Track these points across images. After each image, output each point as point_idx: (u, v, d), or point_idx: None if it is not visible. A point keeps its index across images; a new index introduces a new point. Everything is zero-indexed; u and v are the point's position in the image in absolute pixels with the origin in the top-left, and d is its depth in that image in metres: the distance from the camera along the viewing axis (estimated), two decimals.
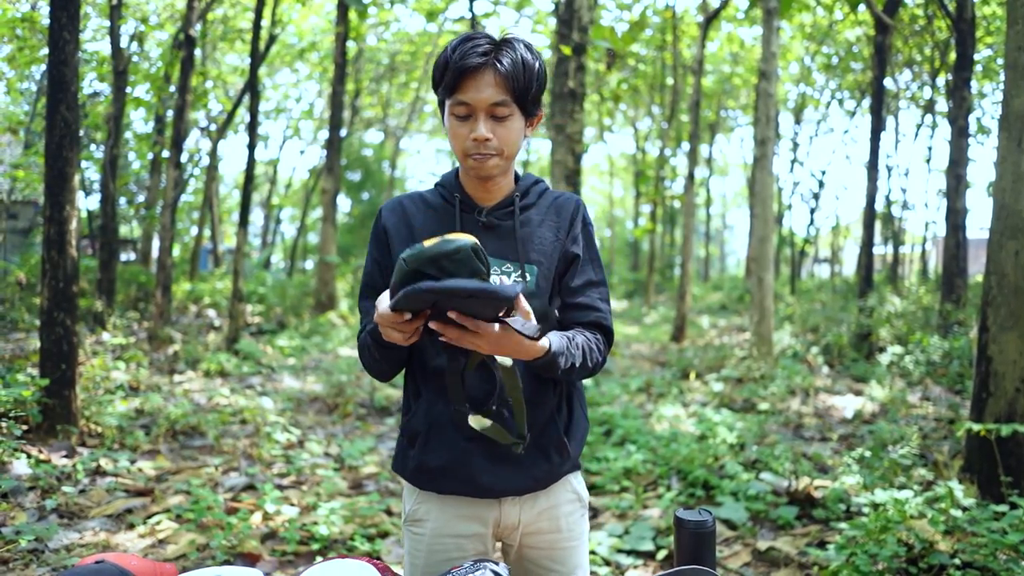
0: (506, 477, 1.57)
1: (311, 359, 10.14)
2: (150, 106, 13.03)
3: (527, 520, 1.64)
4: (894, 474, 3.95)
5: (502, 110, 1.49)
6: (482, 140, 1.50)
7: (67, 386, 5.00)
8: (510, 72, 1.47)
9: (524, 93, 1.50)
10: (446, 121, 1.55)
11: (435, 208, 1.65)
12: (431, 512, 1.64)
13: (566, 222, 1.67)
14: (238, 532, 3.59)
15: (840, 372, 8.67)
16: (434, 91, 1.56)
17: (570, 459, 1.66)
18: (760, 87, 7.84)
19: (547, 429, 1.61)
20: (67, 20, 5.01)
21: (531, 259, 1.61)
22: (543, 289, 1.62)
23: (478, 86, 1.47)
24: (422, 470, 1.61)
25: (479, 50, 1.47)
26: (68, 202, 5.01)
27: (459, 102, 1.49)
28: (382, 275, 1.64)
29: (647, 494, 4.42)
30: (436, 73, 1.53)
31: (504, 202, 1.64)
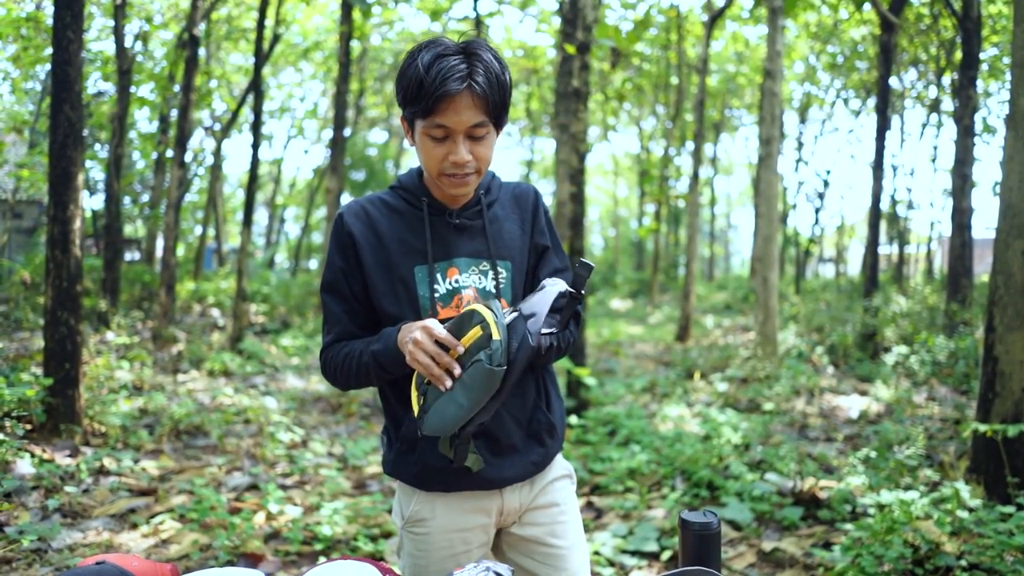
0: (509, 467, 1.63)
1: (315, 359, 10.14)
2: (154, 106, 13.04)
3: (526, 501, 1.70)
4: (900, 475, 3.93)
5: (480, 131, 1.49)
6: (463, 163, 1.49)
7: (71, 385, 5.00)
8: (487, 92, 1.45)
9: (499, 110, 1.50)
10: (417, 139, 1.52)
11: (400, 212, 1.64)
12: (436, 510, 1.65)
13: (528, 213, 1.71)
14: (241, 532, 3.59)
15: (845, 372, 8.64)
16: (400, 104, 1.51)
17: (558, 439, 1.73)
18: (765, 86, 7.82)
19: (535, 416, 1.68)
20: (71, 20, 5.02)
21: (503, 255, 1.65)
22: (517, 283, 1.66)
23: (457, 109, 1.44)
24: (427, 472, 1.62)
25: (457, 73, 1.42)
26: (72, 201, 5.01)
27: (436, 125, 1.46)
28: (349, 283, 1.63)
29: (651, 495, 4.41)
30: (408, 90, 1.46)
31: (471, 202, 1.66)
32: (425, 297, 1.58)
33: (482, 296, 1.61)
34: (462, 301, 1.60)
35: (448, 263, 1.60)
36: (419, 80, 1.43)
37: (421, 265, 1.59)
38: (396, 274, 1.59)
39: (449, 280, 1.60)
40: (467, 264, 1.61)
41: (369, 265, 1.60)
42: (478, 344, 1.37)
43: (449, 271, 1.60)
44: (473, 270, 1.61)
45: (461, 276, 1.60)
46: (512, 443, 1.64)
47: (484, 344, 1.35)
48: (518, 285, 1.66)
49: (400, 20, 18.86)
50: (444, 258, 1.60)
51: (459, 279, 1.60)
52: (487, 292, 1.62)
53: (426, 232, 1.60)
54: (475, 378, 1.36)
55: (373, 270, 1.60)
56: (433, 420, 1.40)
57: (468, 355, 1.38)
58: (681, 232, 27.77)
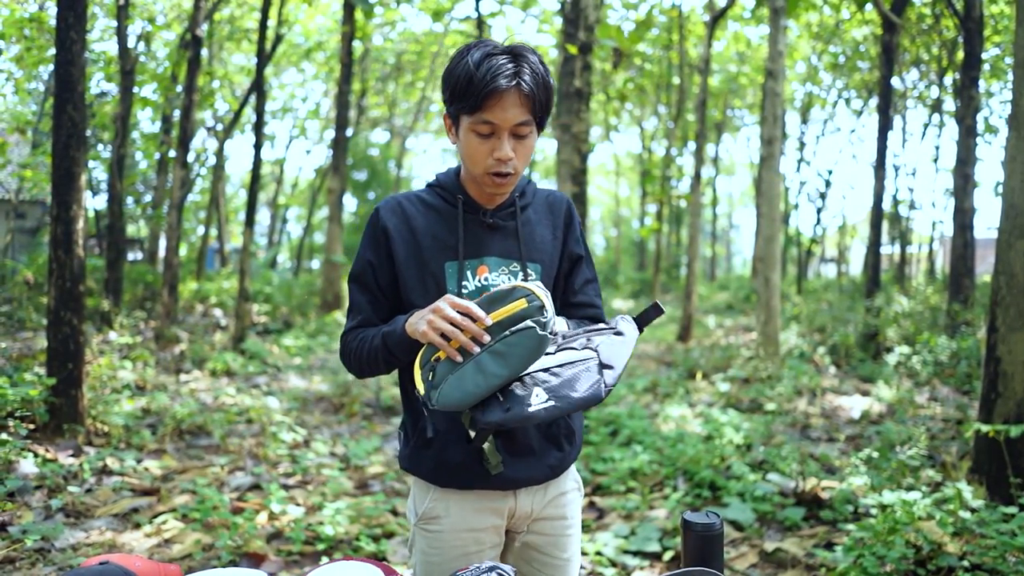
0: (524, 468, 1.64)
1: (317, 358, 10.15)
2: (157, 106, 13.06)
3: (538, 508, 1.71)
4: (902, 475, 3.93)
5: (524, 129, 1.52)
6: (507, 160, 1.52)
7: (74, 385, 5.01)
8: (533, 92, 1.49)
9: (543, 110, 1.54)
10: (461, 135, 1.55)
11: (436, 209, 1.67)
12: (449, 508, 1.66)
13: (561, 220, 1.74)
14: (244, 532, 3.59)
15: (847, 372, 8.64)
16: (446, 101, 1.55)
17: (576, 446, 1.75)
18: (767, 86, 7.82)
19: (556, 421, 1.69)
20: (74, 20, 5.03)
21: (534, 258, 1.67)
22: (545, 286, 1.65)
23: (504, 106, 1.48)
24: (442, 468, 1.64)
25: (506, 71, 1.46)
26: (75, 202, 5.02)
27: (483, 121, 1.50)
28: (376, 276, 1.66)
29: (653, 495, 4.41)
30: (456, 87, 1.49)
31: (505, 203, 1.68)
32: (454, 293, 1.60)
33: None
34: None
35: (479, 261, 1.63)
36: (468, 76, 1.46)
37: (452, 261, 1.62)
38: (427, 269, 1.62)
39: (479, 278, 1.63)
40: (497, 263, 1.64)
41: (401, 259, 1.63)
42: (520, 315, 1.36)
43: (479, 269, 1.63)
44: (503, 270, 1.64)
45: (491, 275, 1.63)
46: (530, 444, 1.65)
47: (532, 314, 1.35)
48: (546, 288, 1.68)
49: (402, 20, 18.89)
50: (475, 256, 1.63)
51: (488, 277, 1.63)
52: None
53: (459, 229, 1.63)
54: (519, 344, 1.35)
55: (404, 264, 1.63)
56: (451, 392, 1.36)
57: (500, 328, 1.37)
58: (683, 232, 27.75)
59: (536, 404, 1.34)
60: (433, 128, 28.07)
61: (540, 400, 1.34)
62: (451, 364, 1.38)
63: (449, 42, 19.36)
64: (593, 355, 1.41)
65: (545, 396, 1.35)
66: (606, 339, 1.44)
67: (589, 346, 1.43)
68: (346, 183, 16.62)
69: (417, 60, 20.76)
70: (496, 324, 1.37)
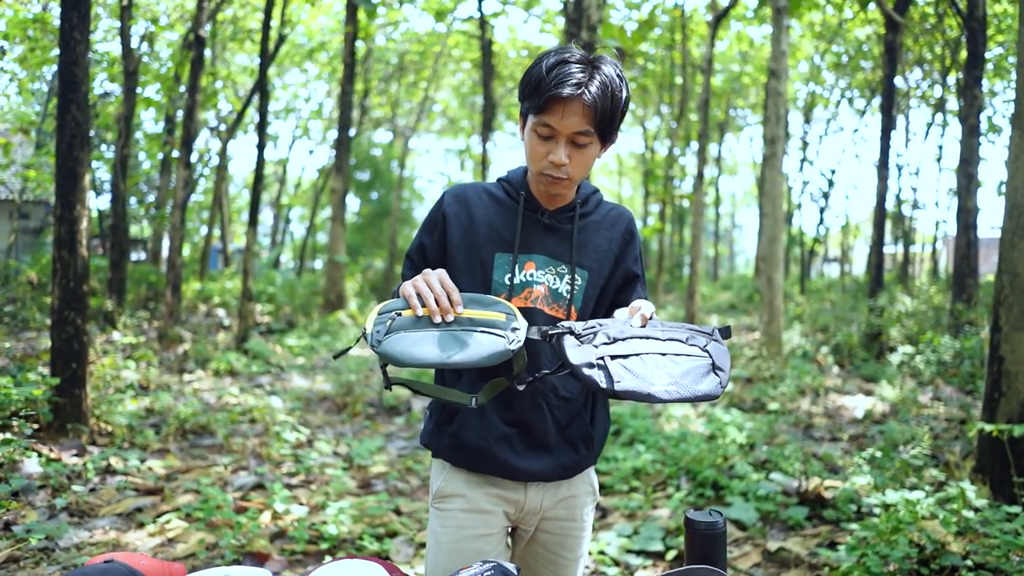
0: (537, 463, 1.67)
1: (320, 358, 10.16)
2: (160, 106, 13.08)
3: (548, 506, 1.73)
4: (905, 475, 3.92)
5: (583, 139, 1.55)
6: (560, 165, 1.56)
7: (77, 385, 5.03)
8: (597, 104, 1.51)
9: (607, 123, 1.55)
10: (526, 133, 1.61)
11: (498, 202, 1.72)
12: (461, 488, 1.70)
13: (619, 235, 1.77)
14: (247, 531, 3.60)
15: (850, 372, 8.63)
16: (520, 98, 1.61)
17: (593, 452, 1.76)
18: (770, 86, 7.81)
19: (575, 422, 1.71)
20: (78, 20, 5.04)
21: (583, 264, 1.70)
22: (590, 294, 1.71)
23: (565, 113, 1.52)
24: (458, 446, 1.68)
25: (574, 80, 1.49)
26: (79, 202, 5.03)
27: (544, 124, 1.54)
28: (425, 256, 1.74)
29: (656, 494, 4.41)
30: (527, 86, 1.56)
31: (566, 207, 1.72)
32: (499, 283, 1.65)
33: (553, 297, 1.66)
34: (531, 295, 1.65)
35: (527, 257, 1.67)
36: (539, 78, 1.52)
37: (503, 253, 1.66)
38: (478, 255, 1.67)
39: (525, 273, 1.66)
40: (545, 262, 1.67)
41: (455, 243, 1.69)
42: (492, 323, 1.40)
43: (527, 264, 1.67)
44: (550, 270, 1.67)
45: (536, 272, 1.67)
46: (547, 441, 1.67)
47: (503, 328, 1.39)
48: (591, 296, 1.70)
49: (405, 21, 18.89)
50: (525, 251, 1.67)
51: (534, 274, 1.66)
52: (559, 294, 1.67)
53: (517, 223, 1.67)
54: (481, 344, 1.37)
55: (458, 248, 1.69)
56: (396, 345, 1.36)
57: (470, 323, 1.40)
58: (685, 232, 27.75)
59: (660, 385, 1.32)
60: (436, 128, 28.07)
61: (663, 382, 1.33)
62: (410, 323, 1.39)
63: (451, 42, 19.37)
64: (707, 356, 1.41)
65: (668, 380, 1.33)
66: (715, 345, 1.44)
67: (696, 344, 1.42)
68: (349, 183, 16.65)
69: (420, 60, 20.76)
70: (467, 319, 1.41)
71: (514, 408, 1.66)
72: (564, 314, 1.66)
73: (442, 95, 24.78)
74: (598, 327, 1.42)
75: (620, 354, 1.36)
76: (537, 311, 1.65)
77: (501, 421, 1.66)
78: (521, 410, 1.66)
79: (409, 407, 7.24)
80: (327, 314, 13.51)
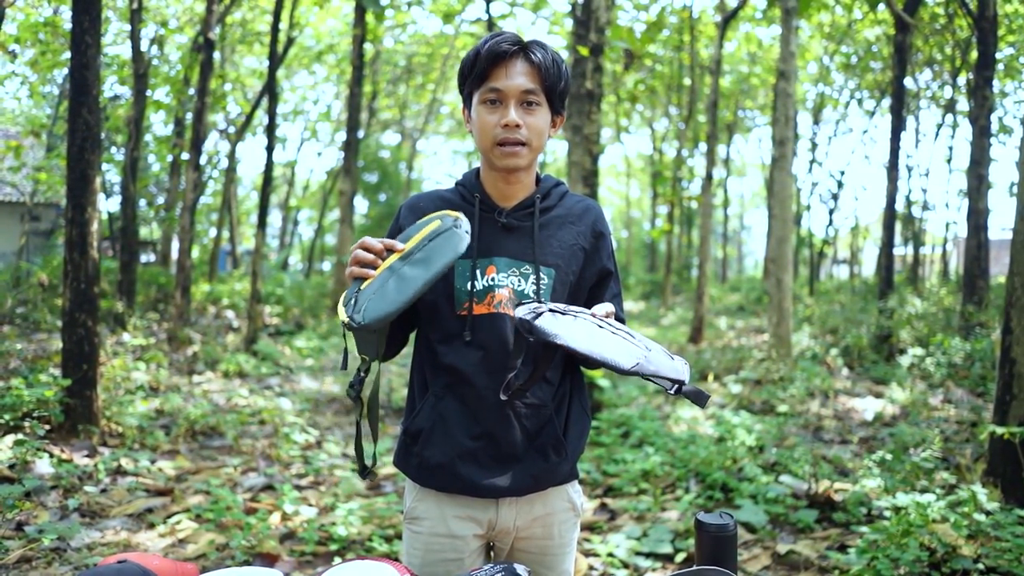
0: (505, 478, 1.59)
1: (328, 360, 10.19)
2: (170, 109, 13.15)
3: (521, 525, 1.65)
4: (916, 477, 3.91)
5: (532, 97, 1.53)
6: (513, 125, 1.53)
7: (88, 386, 5.06)
8: (542, 63, 1.52)
9: (554, 86, 1.54)
10: (473, 113, 1.58)
11: (453, 206, 1.65)
12: (429, 510, 1.64)
13: (588, 229, 1.69)
14: (257, 532, 3.61)
15: (860, 374, 8.59)
16: (460, 90, 1.59)
17: (567, 460, 1.66)
18: (779, 87, 7.79)
19: (545, 428, 1.63)
20: (89, 24, 5.07)
21: (548, 262, 1.63)
22: (559, 292, 1.63)
23: (509, 73, 1.52)
24: (423, 467, 1.62)
25: (510, 39, 1.52)
26: (90, 204, 5.07)
27: (490, 88, 1.53)
28: None
29: (665, 496, 4.40)
30: (465, 66, 1.55)
31: (524, 203, 1.65)
32: (461, 290, 1.59)
33: (519, 299, 1.60)
34: (495, 300, 1.59)
35: (488, 260, 1.61)
36: (476, 51, 1.53)
37: (462, 259, 1.59)
38: None
39: (487, 278, 1.60)
40: (507, 264, 1.60)
41: None
42: (433, 232, 1.41)
43: (488, 269, 1.61)
44: (513, 271, 1.60)
45: (498, 275, 1.60)
46: (514, 452, 1.59)
47: (447, 227, 1.41)
48: (559, 294, 1.63)
49: (413, 23, 18.92)
50: (484, 255, 1.61)
51: (496, 278, 1.60)
52: (525, 295, 1.60)
53: (473, 227, 1.60)
54: (438, 246, 1.38)
55: None
56: (374, 306, 1.34)
57: (415, 249, 1.41)
58: (694, 233, 27.70)
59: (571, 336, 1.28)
60: (444, 130, 28.11)
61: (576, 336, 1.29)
62: (373, 286, 1.39)
63: (460, 44, 19.39)
64: (644, 349, 1.33)
65: (583, 336, 1.29)
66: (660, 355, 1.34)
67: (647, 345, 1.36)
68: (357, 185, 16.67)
69: (428, 62, 20.79)
70: (412, 247, 1.42)
71: (480, 420, 1.58)
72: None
73: (450, 97, 24.80)
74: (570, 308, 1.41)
75: (560, 311, 1.35)
76: (504, 316, 1.57)
77: (466, 436, 1.58)
78: (487, 422, 1.57)
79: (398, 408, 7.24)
80: (335, 316, 13.53)
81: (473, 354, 1.58)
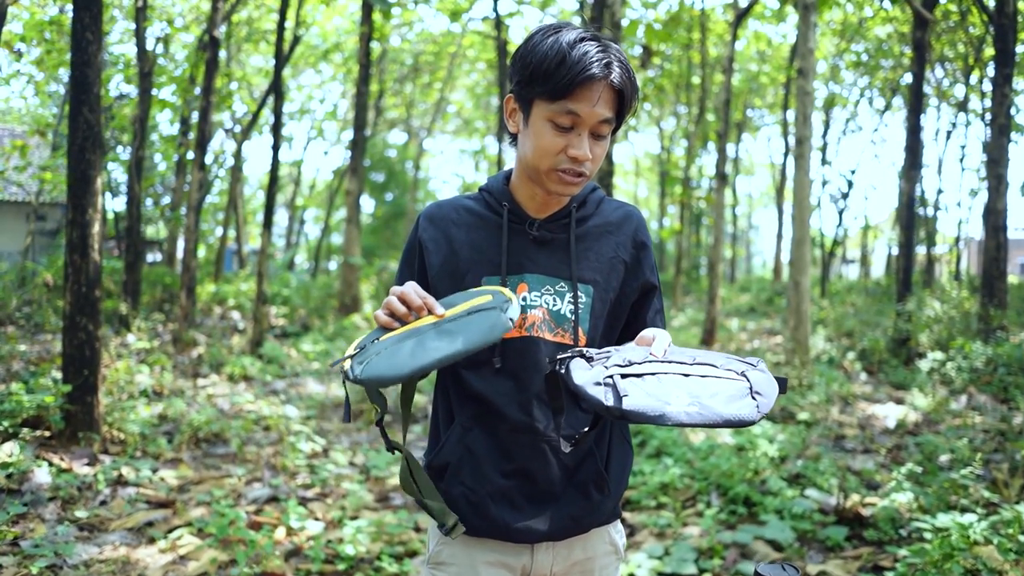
0: (542, 520, 1.41)
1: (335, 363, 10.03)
2: (175, 108, 13.04)
3: (559, 571, 1.48)
4: (954, 494, 3.72)
5: (605, 128, 1.35)
6: (584, 160, 1.33)
7: (90, 392, 4.91)
8: (622, 87, 1.32)
9: (626, 110, 1.37)
10: (532, 123, 1.35)
11: (480, 218, 1.48)
12: (456, 556, 1.46)
13: (628, 239, 1.51)
14: (261, 549, 3.45)
15: (879, 379, 8.39)
16: (520, 82, 1.35)
17: (611, 498, 1.48)
18: (798, 84, 7.60)
19: (585, 463, 1.45)
20: (90, 20, 4.93)
21: (586, 278, 1.45)
22: (599, 312, 1.45)
23: (593, 99, 1.30)
24: (449, 507, 1.43)
25: (600, 59, 1.29)
26: (91, 205, 4.92)
27: (569, 111, 1.30)
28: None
29: (686, 511, 4.22)
30: (541, 67, 1.29)
31: (559, 213, 1.47)
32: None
33: (555, 320, 1.42)
34: (528, 322, 1.41)
35: (518, 278, 1.43)
36: (560, 57, 1.28)
37: (490, 276, 1.43)
38: (462, 283, 1.44)
39: (518, 297, 1.42)
40: (540, 282, 1.43)
41: (435, 271, 1.47)
42: (475, 307, 1.25)
43: (519, 287, 1.42)
44: (547, 289, 1.43)
45: (531, 294, 1.42)
46: (552, 489, 1.42)
47: (490, 305, 1.25)
48: (599, 314, 1.45)
49: (420, 21, 18.81)
50: (514, 272, 1.43)
51: (527, 297, 1.42)
52: (561, 316, 1.43)
53: (502, 240, 1.43)
54: (474, 322, 1.22)
55: (438, 277, 1.46)
56: (379, 363, 1.19)
57: (450, 318, 1.25)
58: (703, 233, 27.52)
59: (677, 405, 1.09)
60: (451, 129, 27.98)
61: (682, 402, 1.10)
62: (391, 342, 1.23)
63: (467, 43, 19.25)
64: (745, 380, 1.16)
65: (688, 399, 1.11)
66: (757, 373, 1.19)
67: (733, 370, 1.19)
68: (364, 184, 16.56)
69: (435, 61, 20.66)
70: (452, 314, 1.26)
71: (512, 456, 1.41)
72: (571, 338, 1.41)
73: (457, 96, 24.68)
74: (614, 352, 1.23)
75: (634, 373, 1.16)
76: (537, 340, 1.40)
77: (497, 472, 1.41)
78: (521, 457, 1.41)
79: (426, 414, 7.09)
80: (342, 317, 13.39)
81: (504, 383, 1.40)
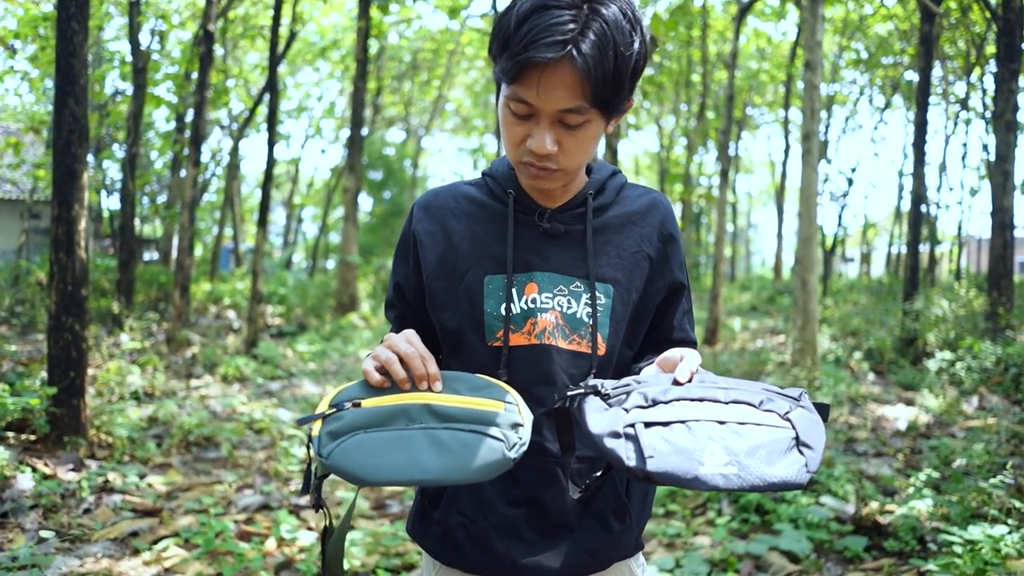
0: (554, 556, 1.21)
1: (332, 363, 9.87)
2: (171, 104, 12.87)
3: None
4: (983, 503, 3.55)
5: (573, 118, 1.09)
6: (544, 155, 1.11)
7: (76, 395, 4.72)
8: (590, 68, 1.04)
9: (608, 92, 1.07)
10: (500, 106, 1.15)
11: (482, 207, 1.28)
12: None
13: (654, 231, 1.29)
14: (250, 563, 3.28)
15: (888, 379, 8.23)
16: (491, 55, 1.14)
17: (633, 528, 1.28)
18: (805, 78, 7.42)
19: (603, 490, 1.25)
20: (76, 10, 4.74)
21: (605, 276, 1.24)
22: (619, 316, 1.24)
23: (545, 84, 1.06)
24: (447, 539, 1.25)
25: (556, 34, 1.02)
26: (77, 201, 4.74)
27: (518, 98, 1.09)
28: (404, 292, 1.33)
29: (697, 520, 4.05)
30: (495, 42, 1.10)
31: (573, 202, 1.26)
32: (493, 315, 1.23)
33: (569, 326, 1.23)
34: (537, 328, 1.22)
35: (527, 277, 1.23)
36: (507, 33, 1.06)
37: (495, 275, 1.24)
38: (461, 282, 1.25)
39: (526, 299, 1.22)
40: (552, 281, 1.23)
41: (430, 269, 1.27)
42: (487, 418, 1.03)
43: (527, 287, 1.23)
44: (560, 290, 1.22)
45: (541, 295, 1.22)
46: (565, 520, 1.24)
47: (499, 426, 1.03)
48: (620, 318, 1.25)
49: (418, 18, 18.67)
50: (522, 269, 1.23)
51: (537, 299, 1.22)
52: (577, 320, 1.23)
53: (508, 233, 1.23)
54: (470, 448, 1.01)
55: (435, 276, 1.27)
56: (352, 453, 1.00)
57: (453, 419, 1.04)
58: (702, 231, 27.40)
59: (712, 466, 0.93)
60: (449, 127, 27.82)
61: (718, 461, 0.93)
62: (374, 418, 1.03)
63: (465, 40, 19.09)
64: (788, 426, 0.98)
65: (725, 458, 0.93)
66: (801, 413, 1.00)
67: (775, 411, 1.00)
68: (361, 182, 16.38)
69: (433, 58, 20.51)
70: (448, 409, 1.04)
71: (520, 482, 1.22)
72: (588, 346, 1.22)
73: (455, 93, 24.53)
74: (633, 385, 1.03)
75: (659, 421, 0.98)
76: (549, 348, 1.21)
77: (503, 500, 1.22)
78: (530, 483, 1.22)
79: None
80: (339, 316, 13.23)
81: None
